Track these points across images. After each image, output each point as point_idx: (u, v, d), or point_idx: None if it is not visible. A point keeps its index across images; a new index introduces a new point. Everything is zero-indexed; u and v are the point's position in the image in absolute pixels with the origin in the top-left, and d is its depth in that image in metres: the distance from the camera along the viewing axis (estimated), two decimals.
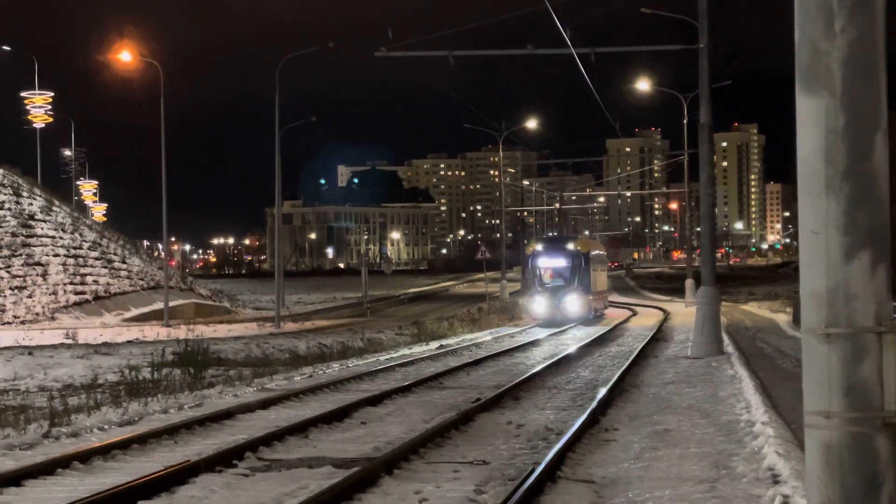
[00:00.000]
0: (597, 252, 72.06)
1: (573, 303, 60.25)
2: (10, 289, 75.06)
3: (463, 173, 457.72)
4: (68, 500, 13.31)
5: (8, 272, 76.21)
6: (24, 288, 76.18)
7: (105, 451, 16.99)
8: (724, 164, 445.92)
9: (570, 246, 64.18)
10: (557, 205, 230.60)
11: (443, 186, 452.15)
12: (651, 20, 38.64)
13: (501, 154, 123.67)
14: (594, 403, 21.30)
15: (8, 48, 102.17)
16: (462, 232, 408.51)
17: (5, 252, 77.49)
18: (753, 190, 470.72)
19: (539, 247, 65.59)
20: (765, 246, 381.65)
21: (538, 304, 60.77)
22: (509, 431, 19.07)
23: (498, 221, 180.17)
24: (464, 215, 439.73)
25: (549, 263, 63.61)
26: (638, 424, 19.25)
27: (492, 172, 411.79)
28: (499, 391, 24.50)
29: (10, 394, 27.62)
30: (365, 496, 13.54)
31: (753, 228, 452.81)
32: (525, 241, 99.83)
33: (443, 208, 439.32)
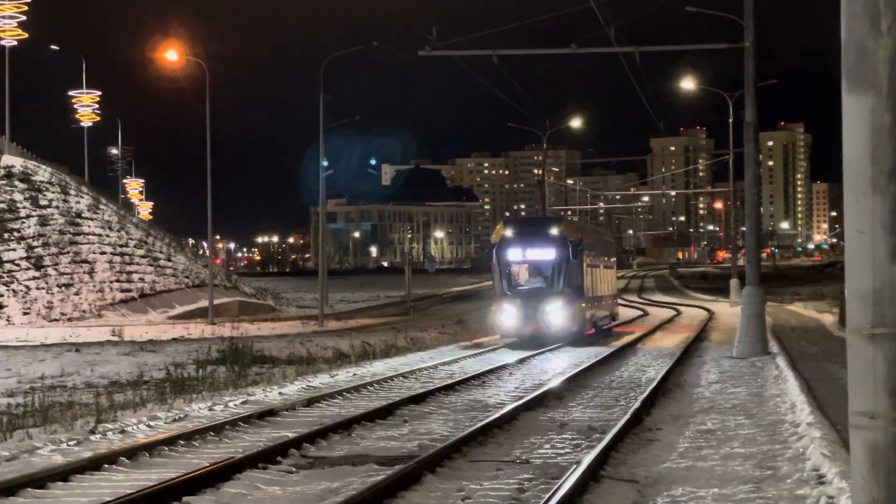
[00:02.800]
0: (595, 240, 52.82)
1: (557, 313, 42.32)
2: (58, 286, 75.51)
3: (506, 172, 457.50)
4: (115, 495, 13.38)
5: (55, 269, 76.67)
6: (72, 285, 76.63)
7: (151, 448, 17.08)
8: (770, 163, 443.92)
9: (554, 230, 44.11)
10: (601, 204, 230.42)
11: (486, 185, 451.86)
12: (696, 18, 38.54)
13: (545, 153, 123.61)
14: None
15: (56, 47, 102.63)
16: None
17: (53, 250, 77.95)
18: (800, 189, 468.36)
19: (508, 232, 44.57)
20: (811, 246, 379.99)
21: (506, 316, 42.89)
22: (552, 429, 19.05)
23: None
24: (507, 214, 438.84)
25: (522, 256, 44.64)
26: (681, 424, 19.18)
27: (535, 171, 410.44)
28: None
29: (58, 390, 27.73)
30: (408, 494, 13.55)
31: (799, 228, 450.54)
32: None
33: (486, 207, 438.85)
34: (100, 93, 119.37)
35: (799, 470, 13.97)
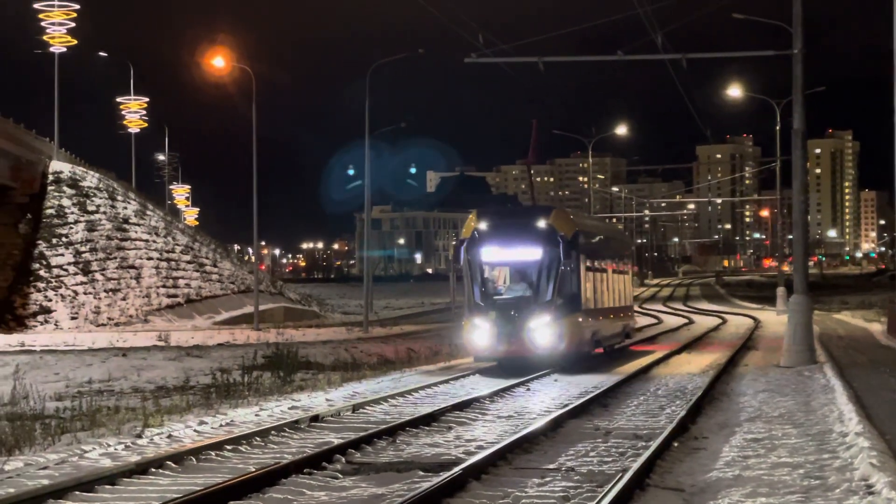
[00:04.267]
0: (599, 237, 41.11)
1: (544, 330, 32.71)
2: (105, 291, 75.96)
3: (552, 179, 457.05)
4: (161, 499, 13.47)
5: (103, 275, 77.12)
6: (119, 290, 77.07)
7: (197, 453, 17.17)
8: (818, 170, 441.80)
9: (540, 223, 34.02)
10: (647, 211, 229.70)
11: (536, 191, 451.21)
12: (744, 25, 38.30)
13: (591, 160, 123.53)
14: None
15: (104, 54, 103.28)
16: None
17: (101, 255, 78.42)
18: (847, 197, 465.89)
19: (482, 225, 34.71)
20: (859, 254, 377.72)
21: (479, 334, 33.18)
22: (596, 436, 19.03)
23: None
24: None
25: (499, 256, 35.01)
26: (728, 433, 19.12)
27: (581, 179, 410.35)
28: None
29: (105, 394, 27.91)
30: (453, 501, 13.57)
31: (847, 236, 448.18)
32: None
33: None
34: (147, 99, 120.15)
35: (847, 480, 13.90)
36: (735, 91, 78.12)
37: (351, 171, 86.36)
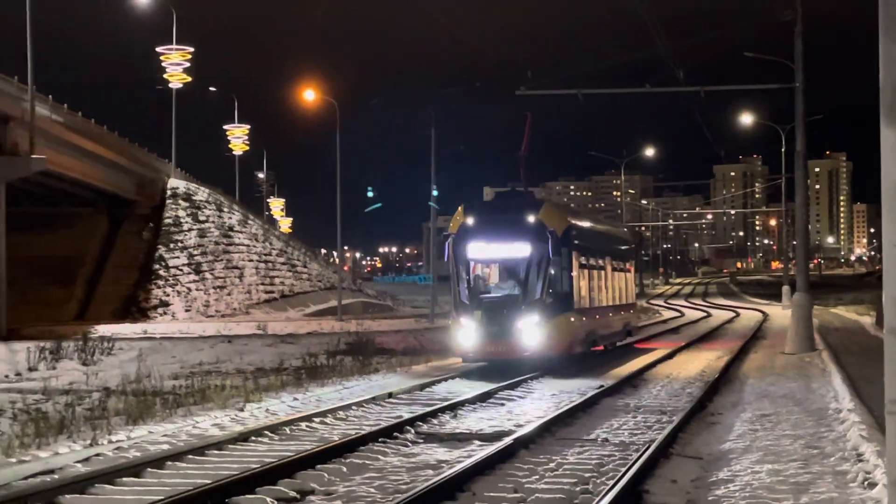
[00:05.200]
0: (596, 232, 35.20)
1: (533, 330, 27.02)
2: (213, 288, 76.41)
3: (589, 193, 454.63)
4: (261, 462, 13.57)
5: (211, 274, 77.60)
6: (224, 287, 77.49)
7: (290, 424, 17.27)
8: (817, 186, 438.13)
9: (529, 217, 28.21)
10: (671, 221, 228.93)
11: (572, 205, 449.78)
12: (753, 61, 38.35)
13: (623, 177, 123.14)
14: None
15: (214, 89, 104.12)
16: None
17: (210, 257, 78.89)
18: (842, 209, 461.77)
19: (469, 219, 28.89)
20: (852, 258, 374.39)
21: (465, 334, 27.50)
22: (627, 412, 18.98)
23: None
24: None
25: (486, 252, 28.94)
26: (739, 410, 19.04)
27: (615, 193, 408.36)
28: None
29: (213, 374, 28.06)
30: (505, 466, 13.58)
31: (842, 242, 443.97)
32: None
33: (569, 221, 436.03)
34: (249, 126, 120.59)
35: (841, 449, 13.82)
36: (746, 118, 77.66)
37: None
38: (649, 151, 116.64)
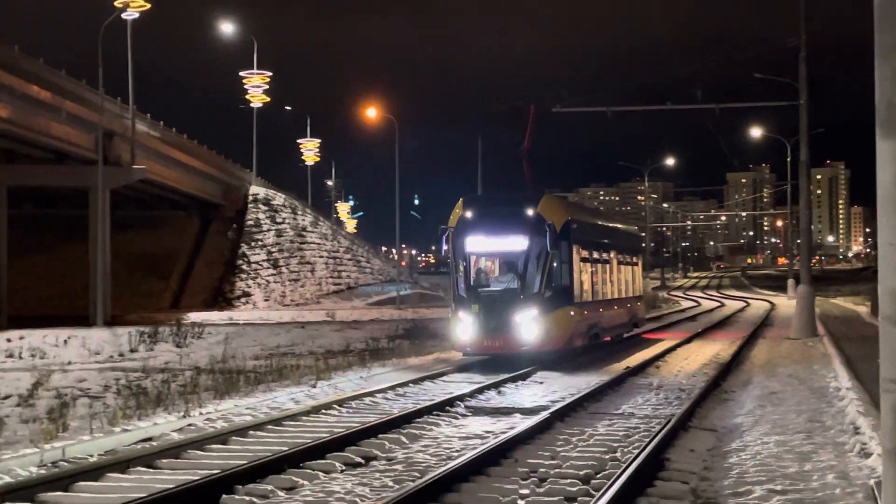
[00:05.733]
0: (599, 227, 31.05)
1: (530, 324, 23.62)
2: (289, 280, 76.84)
3: (617, 198, 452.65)
4: (331, 432, 13.62)
5: (287, 268, 78.02)
6: (298, 280, 77.88)
7: (357, 399, 17.40)
8: (819, 191, 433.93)
9: (528, 210, 24.63)
10: (689, 222, 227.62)
11: (602, 208, 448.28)
12: (762, 81, 37.89)
13: (647, 184, 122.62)
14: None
15: (289, 108, 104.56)
16: None
17: (286, 254, 79.33)
18: (841, 211, 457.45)
19: (467, 212, 25.24)
20: (850, 254, 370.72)
21: (462, 328, 23.99)
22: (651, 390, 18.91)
23: (644, 234, 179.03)
24: None
25: (483, 245, 25.43)
26: (750, 388, 18.91)
27: (639, 197, 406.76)
28: None
29: (288, 355, 28.23)
30: (543, 436, 13.57)
31: (841, 241, 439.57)
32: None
33: (599, 223, 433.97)
34: (319, 140, 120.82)
35: (840, 423, 13.70)
36: (756, 132, 76.87)
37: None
38: (670, 161, 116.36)
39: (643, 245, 34.22)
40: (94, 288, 55.53)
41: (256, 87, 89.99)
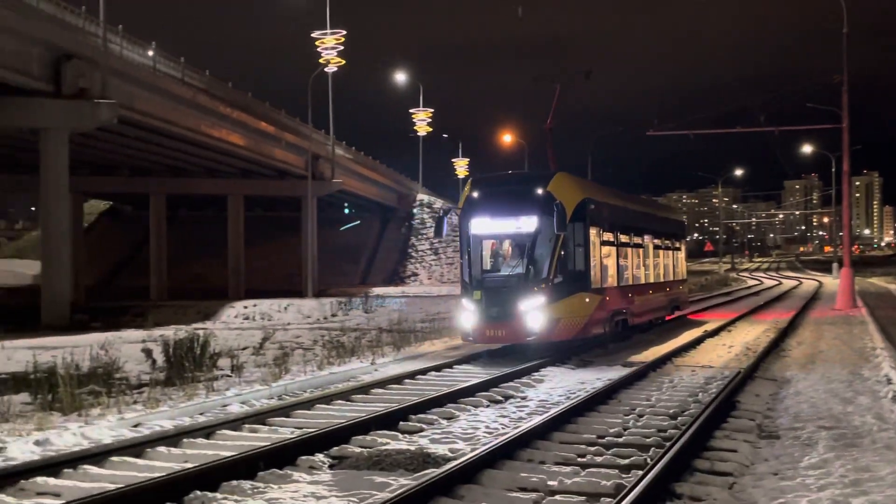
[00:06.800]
0: (625, 209, 20.64)
1: (536, 312, 15.80)
2: (446, 264, 77.10)
3: (696, 201, 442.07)
4: (478, 377, 13.62)
5: (445, 255, 78.40)
6: (453, 263, 78.09)
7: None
8: (857, 195, 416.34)
9: (537, 189, 16.28)
10: (754, 219, 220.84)
11: (685, 209, 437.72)
12: (812, 108, 36.49)
13: (720, 189, 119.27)
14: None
15: (446, 136, 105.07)
16: (695, 235, 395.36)
17: (444, 244, 79.75)
18: (875, 210, 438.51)
19: (475, 193, 17.03)
20: (882, 244, 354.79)
21: (466, 316, 16.32)
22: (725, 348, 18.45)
23: (717, 228, 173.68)
24: (696, 225, 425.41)
25: (490, 228, 16.80)
26: (802, 347, 18.29)
27: (714, 200, 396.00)
28: None
29: (446, 319, 27.66)
30: (640, 383, 13.39)
31: (875, 233, 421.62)
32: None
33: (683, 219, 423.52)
34: (468, 159, 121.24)
35: (875, 375, 13.18)
36: (807, 148, 74.10)
37: None
38: (738, 171, 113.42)
39: (685, 231, 27.23)
40: (305, 269, 57.07)
41: (422, 120, 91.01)
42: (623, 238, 19.46)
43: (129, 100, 37.29)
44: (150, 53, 41.08)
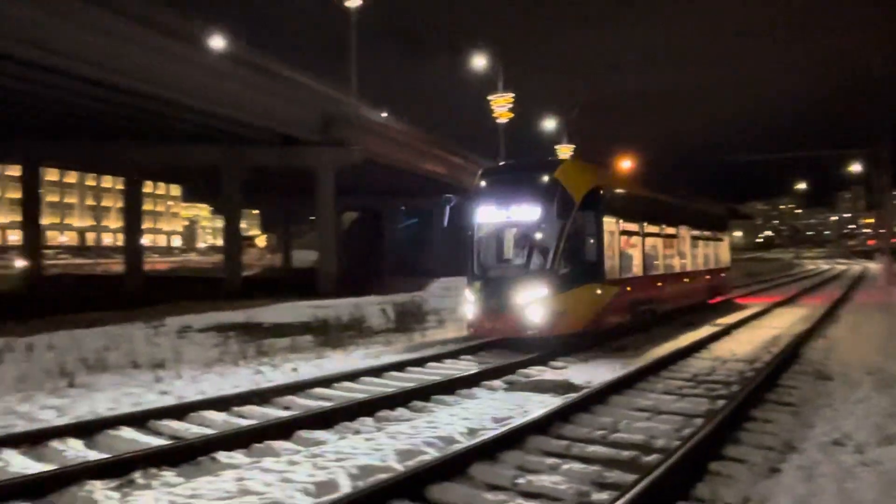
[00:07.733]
0: (647, 199, 12.41)
1: (537, 305, 9.31)
2: None
3: (767, 207, 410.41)
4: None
5: None
6: None
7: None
8: (895, 202, 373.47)
9: (543, 177, 9.33)
10: (813, 219, 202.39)
11: (759, 215, 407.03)
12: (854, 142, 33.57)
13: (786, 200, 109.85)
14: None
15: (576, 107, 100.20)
16: (768, 233, 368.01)
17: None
18: None
19: (483, 181, 10.05)
20: None
21: (468, 306, 9.91)
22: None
23: (784, 227, 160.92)
24: (768, 226, 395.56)
25: (496, 217, 9.88)
26: (851, 313, 16.69)
27: (780, 207, 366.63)
28: None
29: None
30: (724, 338, 12.64)
31: None
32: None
33: (758, 222, 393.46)
34: (573, 146, 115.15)
35: None
36: (856, 166, 67.36)
37: None
38: (802, 185, 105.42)
39: (726, 223, 19.66)
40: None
41: (501, 106, 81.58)
42: (651, 228, 13.12)
43: (370, 145, 39.65)
44: (384, 115, 43.39)
